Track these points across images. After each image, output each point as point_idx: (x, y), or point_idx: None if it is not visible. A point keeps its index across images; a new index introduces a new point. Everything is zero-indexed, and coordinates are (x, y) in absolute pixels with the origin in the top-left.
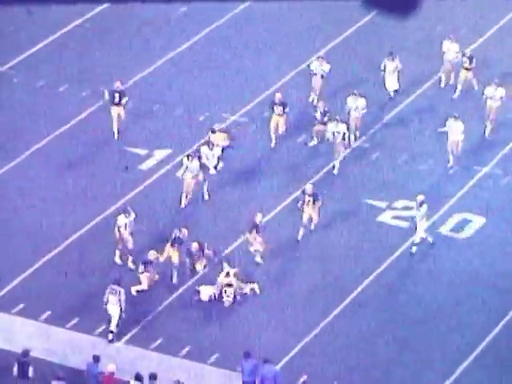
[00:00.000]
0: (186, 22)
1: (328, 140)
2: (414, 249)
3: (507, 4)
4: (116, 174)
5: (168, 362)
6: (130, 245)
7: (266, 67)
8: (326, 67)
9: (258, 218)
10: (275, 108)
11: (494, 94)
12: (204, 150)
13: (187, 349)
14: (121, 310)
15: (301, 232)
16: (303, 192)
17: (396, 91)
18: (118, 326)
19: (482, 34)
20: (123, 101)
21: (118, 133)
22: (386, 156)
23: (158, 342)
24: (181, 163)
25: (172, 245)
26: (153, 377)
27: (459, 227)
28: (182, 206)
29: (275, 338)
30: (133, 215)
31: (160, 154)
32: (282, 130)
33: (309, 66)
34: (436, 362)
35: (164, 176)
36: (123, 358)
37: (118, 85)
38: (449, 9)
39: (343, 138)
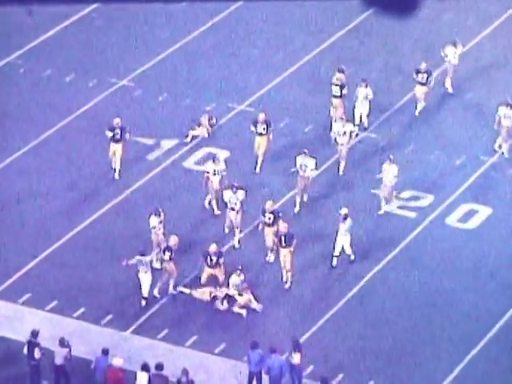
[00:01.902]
0: (192, 12)
1: (293, 172)
2: (335, 261)
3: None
4: (124, 164)
5: (175, 352)
6: (162, 245)
7: (271, 59)
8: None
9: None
10: (258, 127)
11: (508, 113)
12: (227, 193)
13: (194, 338)
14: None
15: (271, 256)
16: (263, 211)
17: (367, 116)
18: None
19: (477, 34)
20: (126, 135)
21: (119, 171)
22: (392, 146)
23: (165, 331)
24: (188, 153)
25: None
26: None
27: (466, 217)
28: (207, 206)
29: (282, 328)
30: (163, 215)
31: (167, 144)
32: (262, 150)
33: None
34: (443, 351)
35: (171, 166)
36: (130, 347)
37: (117, 121)
38: (448, 8)
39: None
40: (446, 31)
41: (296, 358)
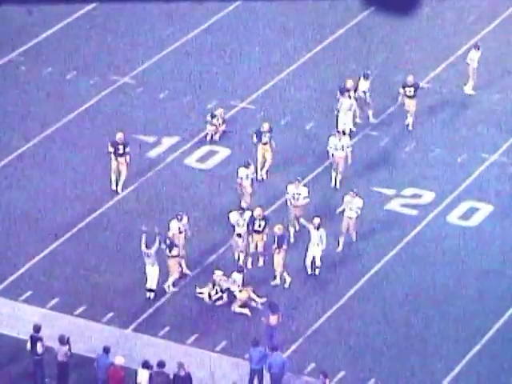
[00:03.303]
0: (194, 9)
1: (287, 204)
2: (317, 271)
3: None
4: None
5: (176, 350)
6: (183, 251)
7: (272, 56)
8: (366, 85)
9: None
10: (262, 137)
11: None
12: (233, 215)
13: (195, 336)
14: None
15: (249, 259)
16: (252, 216)
17: (351, 130)
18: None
19: (478, 32)
20: (126, 150)
21: (117, 184)
22: (394, 144)
23: (166, 329)
24: (190, 151)
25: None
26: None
27: (467, 215)
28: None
29: (283, 325)
30: (185, 219)
31: (168, 142)
32: (269, 159)
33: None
34: (444, 349)
35: (172, 163)
36: (131, 345)
37: (119, 136)
38: (448, 7)
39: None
40: (447, 30)
41: (272, 319)
